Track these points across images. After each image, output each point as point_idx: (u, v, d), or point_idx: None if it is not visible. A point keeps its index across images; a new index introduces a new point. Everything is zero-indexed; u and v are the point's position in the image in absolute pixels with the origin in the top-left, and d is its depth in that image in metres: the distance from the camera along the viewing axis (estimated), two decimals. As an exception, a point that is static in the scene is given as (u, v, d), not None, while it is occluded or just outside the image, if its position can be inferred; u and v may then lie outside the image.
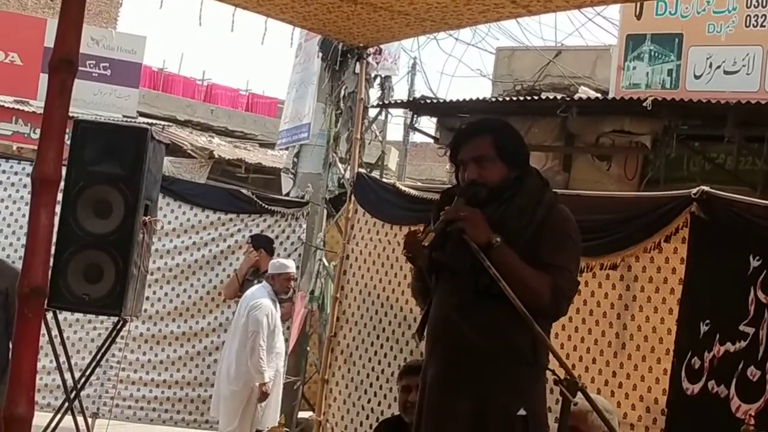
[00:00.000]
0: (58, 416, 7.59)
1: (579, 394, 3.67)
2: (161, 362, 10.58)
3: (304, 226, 11.01)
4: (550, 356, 4.02)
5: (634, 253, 6.08)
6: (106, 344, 7.87)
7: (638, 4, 8.85)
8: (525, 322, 3.83)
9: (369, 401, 7.85)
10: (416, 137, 15.42)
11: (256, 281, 9.51)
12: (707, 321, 5.66)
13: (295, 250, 10.74)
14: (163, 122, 20.37)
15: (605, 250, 6.11)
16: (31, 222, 2.62)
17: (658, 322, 5.96)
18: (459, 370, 4.06)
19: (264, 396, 8.69)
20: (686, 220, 5.81)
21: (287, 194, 12.26)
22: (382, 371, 7.80)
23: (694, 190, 5.75)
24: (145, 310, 9.22)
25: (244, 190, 11.51)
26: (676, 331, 5.83)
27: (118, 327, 7.71)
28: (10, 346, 5.57)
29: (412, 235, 4.17)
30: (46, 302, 5.61)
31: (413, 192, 7.79)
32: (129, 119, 18.23)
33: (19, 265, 6.53)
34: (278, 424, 3.49)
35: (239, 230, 10.80)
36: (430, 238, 3.95)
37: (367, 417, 7.82)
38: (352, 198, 8.35)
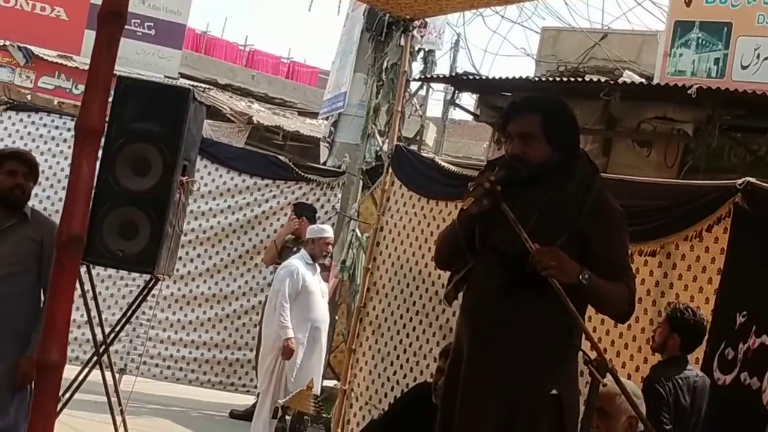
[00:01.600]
0: (86, 370, 7.63)
1: (608, 376, 3.64)
2: (190, 323, 10.63)
3: (339, 195, 11.01)
4: (583, 338, 3.99)
5: (674, 241, 6.03)
6: (138, 301, 7.89)
7: (689, -10, 8.77)
8: (562, 305, 3.81)
9: (395, 373, 7.85)
10: (455, 114, 15.41)
11: (295, 249, 9.51)
12: (744, 312, 5.60)
13: (329, 219, 10.75)
14: (204, 85, 20.41)
15: (645, 237, 6.06)
16: (72, 171, 2.60)
17: (694, 310, 5.90)
18: (495, 349, 4.02)
19: (288, 352, 8.64)
20: (729, 211, 5.75)
21: (324, 163, 12.25)
22: (410, 344, 7.79)
23: (740, 181, 5.68)
24: (177, 270, 9.24)
25: (281, 157, 11.52)
26: (711, 321, 5.77)
27: (150, 285, 7.73)
28: (42, 295, 5.61)
29: (491, 182, 3.98)
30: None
31: (452, 168, 7.76)
32: (171, 80, 18.24)
33: (56, 218, 6.56)
34: (306, 387, 3.46)
35: (274, 196, 10.81)
36: (468, 203, 3.92)
37: (392, 389, 7.82)
38: (389, 170, 8.33)
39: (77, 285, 6.05)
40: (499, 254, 4.05)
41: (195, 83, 19.57)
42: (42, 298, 5.62)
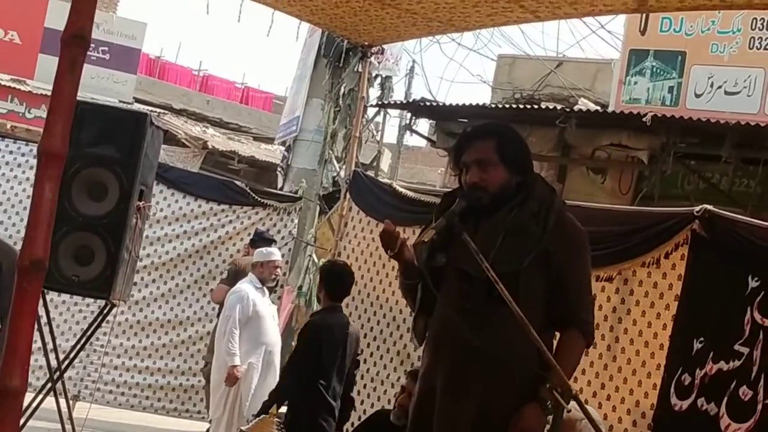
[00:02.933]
0: (40, 397, 7.53)
1: (572, 402, 3.65)
2: (145, 349, 10.53)
3: (296, 221, 10.97)
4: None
5: (632, 267, 6.07)
6: (93, 327, 7.81)
7: (643, 19, 8.84)
8: (542, 325, 3.92)
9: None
10: (409, 140, 15.41)
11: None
12: (701, 338, 5.64)
13: (286, 244, 10.70)
14: (158, 110, 20.32)
15: (603, 262, 6.07)
16: (35, 195, 2.57)
17: (651, 336, 5.95)
18: (466, 375, 4.00)
19: (233, 379, 8.60)
20: (687, 237, 5.80)
21: (280, 188, 12.23)
22: (367, 370, 7.77)
23: (697, 208, 5.74)
24: (132, 296, 9.17)
25: (237, 182, 11.47)
26: (669, 347, 5.81)
27: (106, 311, 7.65)
28: (-1, 323, 5.52)
29: (386, 234, 4.15)
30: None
31: (409, 193, 7.77)
32: (125, 104, 18.14)
33: (12, 244, 6.47)
34: (269, 414, 3.43)
35: (231, 221, 10.76)
36: (431, 235, 3.91)
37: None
38: (347, 196, 8.32)
39: (32, 311, 5.99)
40: (467, 280, 4.04)
41: (150, 108, 19.47)
42: (-2, 324, 5.52)
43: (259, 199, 10.78)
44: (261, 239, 9.87)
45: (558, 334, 4.13)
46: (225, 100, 27.02)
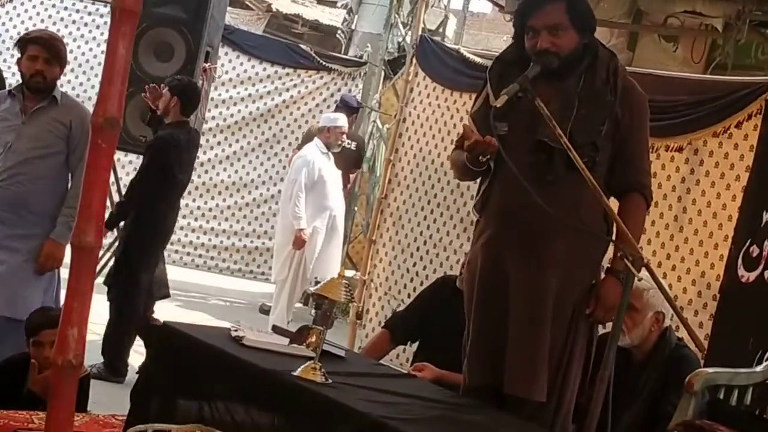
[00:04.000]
0: (109, 254, 7.69)
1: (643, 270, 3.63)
2: (210, 210, 10.67)
3: (361, 86, 10.91)
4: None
5: (702, 137, 5.97)
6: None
7: None
8: (606, 191, 3.92)
9: (414, 264, 7.86)
10: (474, 6, 15.12)
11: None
12: (771, 210, 5.55)
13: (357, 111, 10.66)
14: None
15: (672, 132, 6.00)
16: (108, 52, 2.54)
17: (720, 207, 5.88)
18: (545, 244, 3.98)
19: (299, 242, 8.68)
20: (760, 108, 5.67)
21: (344, 53, 12.13)
22: (430, 236, 7.79)
23: (772, 77, 5.59)
24: (198, 158, 9.24)
25: (302, 46, 11.40)
26: (738, 218, 5.72)
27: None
28: (69, 179, 5.60)
29: (478, 144, 3.92)
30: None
31: (477, 59, 7.65)
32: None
33: (87, 104, 6.52)
34: (338, 275, 3.45)
35: (295, 85, 10.75)
36: (504, 101, 3.84)
37: (412, 280, 7.85)
38: (414, 61, 8.21)
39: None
40: (543, 150, 3.97)
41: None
42: (69, 181, 5.61)
43: (324, 63, 10.72)
44: (345, 106, 9.83)
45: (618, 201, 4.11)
46: (289, -38, 26.66)
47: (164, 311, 8.92)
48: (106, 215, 6.38)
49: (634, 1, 9.49)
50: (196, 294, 10.45)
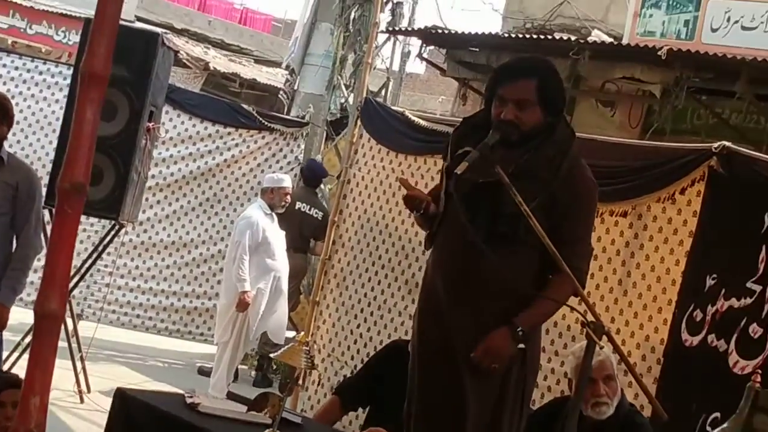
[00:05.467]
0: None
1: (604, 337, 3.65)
2: (149, 270, 10.55)
3: (303, 146, 10.93)
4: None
5: (647, 202, 6.04)
6: (101, 247, 7.81)
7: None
8: (538, 269, 4.02)
9: (359, 326, 7.83)
10: (409, 67, 15.27)
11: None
12: (714, 275, 5.64)
13: (292, 170, 10.67)
14: (159, 29, 20.10)
15: (617, 197, 6.06)
16: (76, 117, 2.55)
17: (664, 272, 5.94)
18: (470, 302, 4.09)
19: (243, 305, 8.64)
20: (704, 174, 5.76)
21: (286, 113, 12.16)
22: (375, 298, 7.77)
23: (716, 144, 5.70)
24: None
25: (244, 105, 11.40)
26: (681, 283, 5.81)
27: (114, 231, 7.65)
28: (14, 240, 5.51)
29: (410, 198, 4.20)
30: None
31: (422, 122, 7.70)
32: (127, 23, 17.94)
33: (36, 164, 6.38)
34: (298, 341, 3.43)
35: (237, 145, 10.72)
36: (464, 168, 3.88)
37: (356, 342, 7.81)
38: (358, 123, 8.25)
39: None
40: (481, 211, 4.05)
41: (151, 27, 19.28)
42: (14, 243, 5.52)
43: (266, 123, 10.73)
44: (313, 176, 9.90)
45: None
46: (226, 21, 26.80)
47: (101, 372, 8.79)
48: None
49: (574, 66, 9.66)
50: (133, 355, 10.30)
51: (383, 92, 12.14)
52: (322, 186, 10.53)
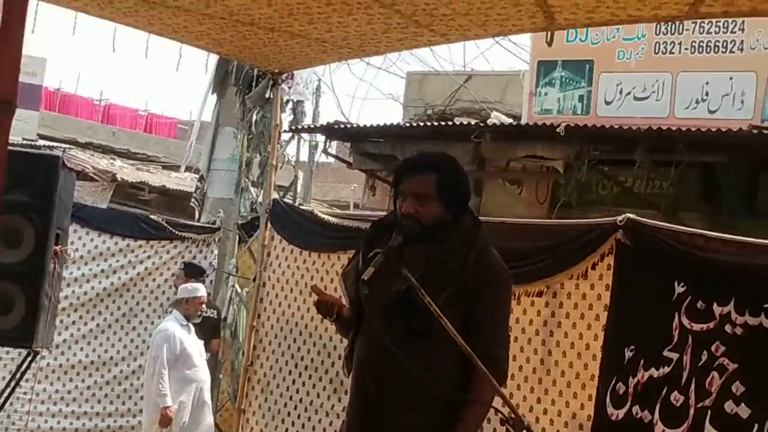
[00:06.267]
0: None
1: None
2: (69, 392, 10.34)
3: (216, 252, 10.87)
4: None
5: (560, 280, 6.11)
6: (18, 377, 7.63)
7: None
8: (458, 362, 3.90)
9: (287, 430, 7.73)
10: (320, 157, 15.36)
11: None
12: (632, 347, 5.71)
13: (207, 276, 10.58)
14: (64, 144, 19.98)
15: (531, 278, 6.13)
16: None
17: (584, 348, 6.00)
18: (391, 402, 4.04)
19: (166, 420, 8.51)
20: (612, 247, 5.86)
21: (197, 220, 12.09)
22: (301, 400, 7.70)
23: (620, 218, 5.80)
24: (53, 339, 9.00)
25: (153, 216, 11.33)
26: (602, 357, 5.86)
27: (29, 359, 7.48)
28: None
29: (321, 304, 4.20)
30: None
31: (332, 219, 7.72)
32: (29, 142, 17.81)
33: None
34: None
35: (149, 257, 10.63)
36: (370, 273, 3.89)
37: (285, 447, 7.71)
38: (268, 225, 8.23)
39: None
40: (380, 313, 4.06)
41: (55, 143, 19.15)
42: None
43: (176, 232, 10.65)
44: (194, 272, 9.76)
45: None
46: (130, 130, 26.75)
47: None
48: None
49: (477, 149, 9.81)
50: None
51: (293, 188, 12.17)
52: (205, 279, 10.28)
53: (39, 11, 8.44)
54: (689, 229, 5.89)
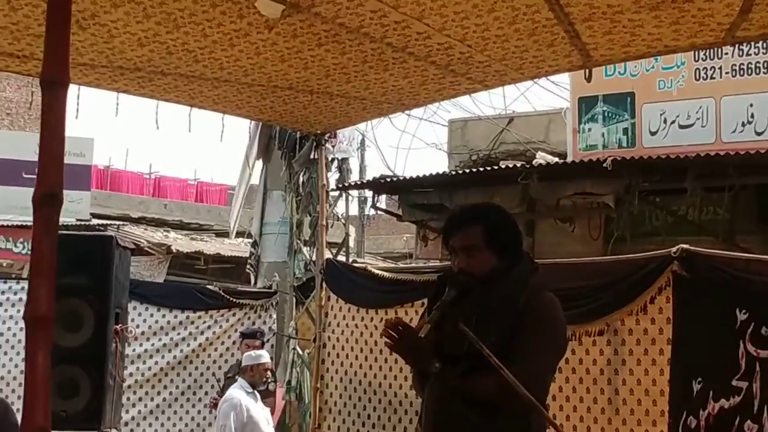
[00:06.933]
0: None
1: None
2: (141, 469, 10.35)
3: (274, 316, 10.90)
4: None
5: (620, 317, 6.05)
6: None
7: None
8: (518, 403, 3.81)
9: (360, 490, 7.69)
10: (370, 211, 15.41)
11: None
12: (699, 379, 5.62)
13: (267, 340, 10.60)
14: (117, 221, 20.23)
15: (590, 317, 6.07)
16: (28, 363, 2.53)
17: (650, 384, 5.91)
18: None
19: None
20: (668, 280, 5.79)
21: (254, 285, 12.16)
22: (368, 458, 7.66)
23: (674, 249, 5.74)
24: (121, 418, 9.04)
25: (210, 286, 11.41)
26: (669, 392, 5.78)
27: (99, 440, 7.51)
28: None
29: (393, 329, 4.09)
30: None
31: (386, 274, 7.72)
32: (83, 222, 18.06)
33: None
34: None
35: (209, 327, 10.67)
36: (426, 329, 3.89)
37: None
38: (323, 285, 8.25)
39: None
40: (451, 360, 4.05)
41: (108, 221, 19.40)
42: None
43: (233, 299, 10.71)
44: (250, 336, 9.79)
45: None
46: (182, 201, 27.02)
47: None
48: None
49: (525, 190, 9.78)
50: None
51: (345, 245, 12.21)
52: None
53: (82, 93, 8.50)
54: (744, 254, 5.82)
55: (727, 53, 10.00)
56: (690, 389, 5.68)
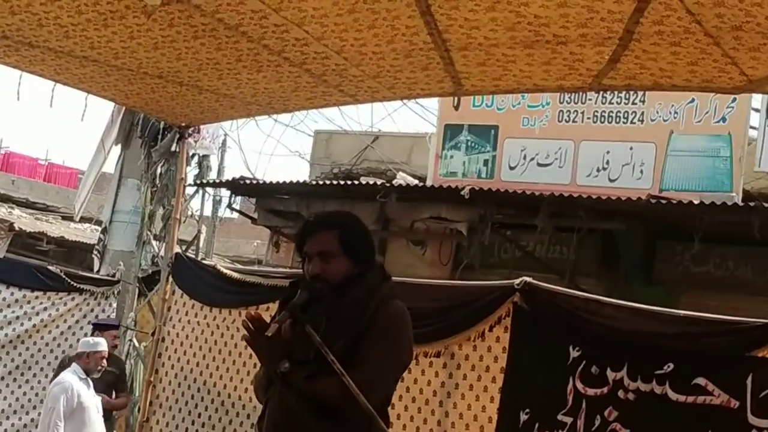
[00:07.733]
0: None
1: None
2: (-43, 447, 10.02)
3: (114, 305, 10.69)
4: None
5: (458, 342, 6.16)
6: None
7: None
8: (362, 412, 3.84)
9: (181, 489, 7.62)
10: (221, 212, 15.30)
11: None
12: (527, 410, 5.76)
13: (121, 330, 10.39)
14: (-38, 192, 19.61)
15: (429, 339, 6.16)
16: None
17: (480, 410, 6.04)
18: None
19: None
20: (509, 310, 5.93)
21: (97, 272, 11.91)
22: (198, 458, 7.59)
23: (517, 281, 5.88)
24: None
25: (51, 267, 11.12)
26: (498, 420, 5.90)
27: None
28: None
29: (253, 322, 4.07)
30: None
31: (234, 275, 7.68)
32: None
33: None
34: None
35: (45, 308, 10.41)
36: (273, 329, 3.89)
37: (180, 504, 7.59)
38: (169, 279, 8.15)
39: None
40: (299, 363, 4.05)
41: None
42: None
43: (74, 284, 10.46)
44: (104, 327, 9.56)
45: None
46: (30, 179, 26.33)
47: None
48: None
49: (382, 209, 9.89)
50: None
51: (196, 243, 12.09)
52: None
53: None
54: (584, 294, 5.99)
55: (590, 99, 10.30)
56: (517, 419, 5.82)
